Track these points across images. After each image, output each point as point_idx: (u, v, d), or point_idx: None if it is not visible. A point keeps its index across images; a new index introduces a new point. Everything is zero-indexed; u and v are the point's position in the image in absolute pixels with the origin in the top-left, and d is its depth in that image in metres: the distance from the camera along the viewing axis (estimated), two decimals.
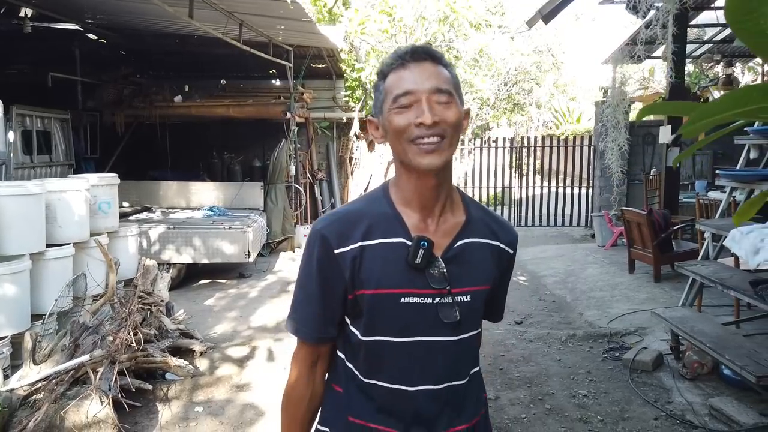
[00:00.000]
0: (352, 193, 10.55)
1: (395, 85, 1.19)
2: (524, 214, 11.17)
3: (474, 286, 1.25)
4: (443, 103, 1.17)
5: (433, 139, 1.16)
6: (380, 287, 1.20)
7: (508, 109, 15.83)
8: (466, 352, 1.28)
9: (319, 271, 1.24)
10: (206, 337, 4.84)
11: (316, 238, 1.24)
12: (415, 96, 1.16)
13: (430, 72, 1.18)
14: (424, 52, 1.21)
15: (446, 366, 1.25)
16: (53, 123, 7.25)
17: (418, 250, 1.19)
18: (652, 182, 8.47)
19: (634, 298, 5.80)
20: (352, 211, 1.26)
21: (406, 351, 1.23)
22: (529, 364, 4.37)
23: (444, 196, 1.25)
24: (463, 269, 1.24)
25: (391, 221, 1.23)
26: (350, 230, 1.22)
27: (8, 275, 3.47)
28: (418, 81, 1.17)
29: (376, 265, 1.21)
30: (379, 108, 1.24)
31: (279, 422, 1.40)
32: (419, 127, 1.15)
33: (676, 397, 3.72)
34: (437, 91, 1.17)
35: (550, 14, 7.21)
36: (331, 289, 1.24)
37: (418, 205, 1.23)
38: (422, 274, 1.20)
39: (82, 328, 3.58)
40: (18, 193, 3.64)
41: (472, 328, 1.27)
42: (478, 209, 1.33)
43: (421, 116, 1.15)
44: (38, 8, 6.65)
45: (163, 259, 6.47)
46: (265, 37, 7.55)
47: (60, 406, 3.05)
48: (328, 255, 1.22)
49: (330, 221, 1.25)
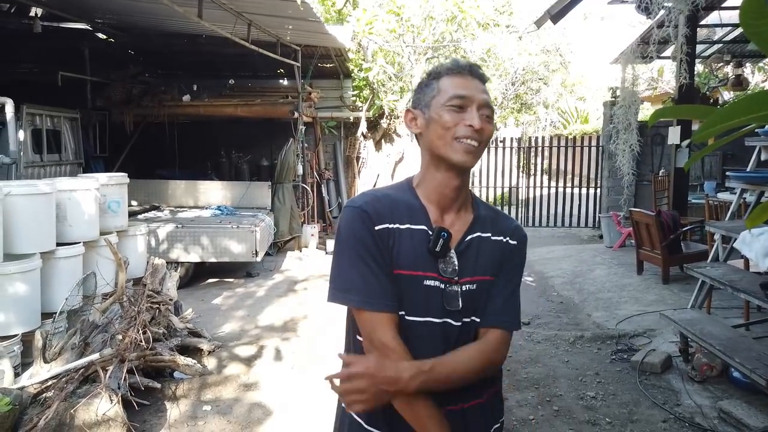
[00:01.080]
0: (359, 192, 10.54)
1: (453, 86, 1.34)
2: (531, 215, 11.14)
3: (479, 276, 1.36)
4: (487, 117, 1.34)
5: (474, 143, 1.32)
6: (411, 269, 1.32)
7: (515, 109, 15.78)
8: (468, 337, 1.36)
9: (371, 242, 1.30)
10: (214, 336, 4.85)
11: (357, 214, 1.32)
12: (468, 101, 1.32)
13: (482, 88, 1.37)
14: (479, 72, 1.38)
15: (449, 348, 1.32)
16: (63, 122, 7.29)
17: (439, 240, 1.32)
18: (661, 183, 8.43)
19: (643, 300, 5.77)
20: (386, 195, 1.38)
21: (420, 329, 1.32)
22: (537, 365, 4.36)
23: (464, 194, 1.40)
24: (471, 261, 1.36)
25: (416, 210, 1.36)
26: (385, 211, 1.34)
27: (19, 274, 3.49)
28: (474, 90, 1.34)
29: (407, 247, 1.32)
30: (426, 102, 1.37)
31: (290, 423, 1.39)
32: (467, 128, 1.31)
33: (685, 399, 3.71)
34: (486, 105, 1.34)
35: (558, 14, 7.19)
36: (383, 258, 1.31)
37: (437, 201, 1.37)
38: (436, 262, 1.33)
39: (91, 327, 3.60)
40: (29, 193, 3.67)
41: (472, 314, 1.36)
42: (485, 208, 1.46)
43: (471, 120, 1.31)
44: (48, 8, 6.70)
45: (172, 258, 6.50)
46: (273, 36, 7.57)
47: (70, 405, 3.07)
48: (370, 230, 1.31)
49: (367, 200, 1.35)
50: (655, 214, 6.17)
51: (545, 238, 10.13)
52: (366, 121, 10.20)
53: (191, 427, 3.50)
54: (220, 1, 5.61)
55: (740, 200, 4.51)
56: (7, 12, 7.40)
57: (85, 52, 8.18)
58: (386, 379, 1.23)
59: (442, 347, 1.32)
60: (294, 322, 5.44)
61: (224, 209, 7.87)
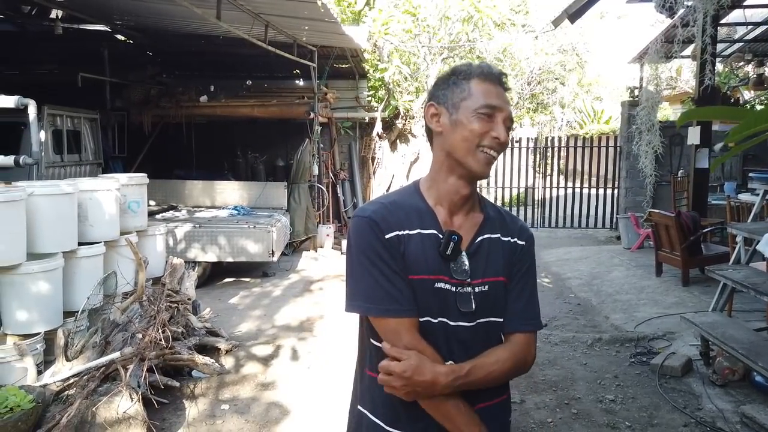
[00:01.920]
0: (374, 192, 10.55)
1: (486, 93, 1.33)
2: (548, 215, 11.07)
3: (491, 277, 1.37)
4: (508, 128, 1.36)
5: (495, 154, 1.34)
6: (420, 273, 1.32)
7: (531, 109, 15.69)
8: (481, 337, 1.36)
9: (383, 253, 1.32)
10: (231, 336, 4.89)
11: (366, 224, 1.34)
12: (497, 111, 1.33)
13: (508, 99, 1.38)
14: (506, 82, 1.39)
15: (464, 349, 1.34)
16: (83, 123, 7.38)
17: (450, 243, 1.33)
18: (680, 184, 8.33)
19: (662, 302, 5.71)
20: (391, 202, 1.39)
21: (435, 331, 1.33)
22: (555, 367, 4.33)
23: (471, 201, 1.41)
24: (482, 262, 1.37)
25: (425, 215, 1.37)
26: (393, 218, 1.35)
27: (42, 273, 3.54)
28: (503, 102, 1.35)
29: (417, 252, 1.33)
30: (453, 103, 1.35)
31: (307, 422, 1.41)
32: (493, 140, 1.32)
33: (707, 403, 3.66)
34: (510, 119, 1.36)
35: (576, 13, 7.13)
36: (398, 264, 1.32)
37: (447, 204, 1.38)
38: (447, 264, 1.33)
39: (112, 326, 3.64)
40: (52, 193, 3.72)
41: (488, 315, 1.37)
42: (493, 209, 1.47)
43: (498, 132, 1.32)
44: (69, 10, 6.79)
45: (189, 258, 6.55)
46: (290, 37, 7.60)
47: (91, 402, 3.11)
48: (380, 239, 1.32)
49: (375, 208, 1.36)
50: (674, 216, 6.10)
51: (562, 239, 10.06)
52: (381, 121, 10.20)
53: (210, 425, 3.53)
54: (238, 3, 5.65)
55: (763, 201, 4.44)
56: (28, 14, 7.51)
57: (104, 54, 8.27)
58: (423, 383, 1.26)
59: (459, 348, 1.34)
60: (310, 322, 5.46)
61: (241, 209, 7.92)
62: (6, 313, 3.55)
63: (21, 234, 3.46)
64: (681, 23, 6.35)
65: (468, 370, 1.29)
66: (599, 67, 19.75)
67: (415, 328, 1.31)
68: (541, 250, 8.97)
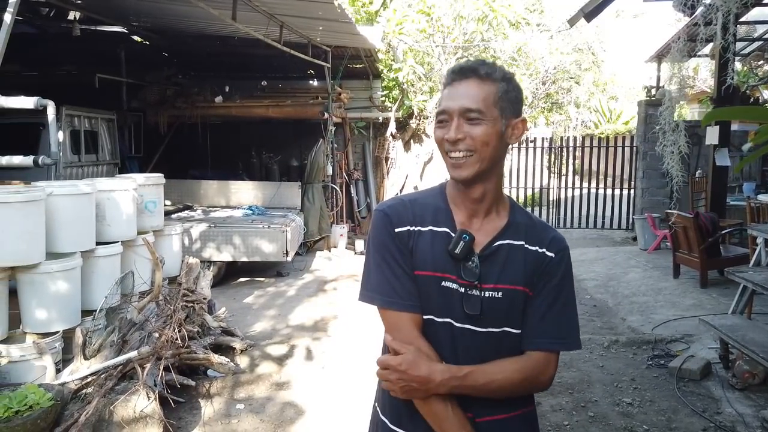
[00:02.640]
0: (388, 192, 10.55)
1: (440, 101, 1.34)
2: (562, 216, 10.98)
3: (506, 285, 1.32)
4: (472, 120, 1.28)
5: (459, 154, 1.29)
6: (428, 269, 1.32)
7: (546, 109, 15.57)
8: (493, 347, 1.31)
9: (393, 247, 1.34)
10: (246, 335, 4.91)
11: (380, 218, 1.37)
12: (449, 114, 1.30)
13: (466, 91, 1.29)
14: (469, 69, 1.31)
15: (470, 354, 1.30)
16: (100, 123, 7.46)
17: (459, 242, 1.31)
18: (698, 184, 8.22)
19: (680, 304, 5.64)
20: (411, 199, 1.41)
21: (439, 331, 1.32)
22: (571, 369, 4.29)
23: (489, 201, 1.36)
24: (497, 267, 1.32)
25: (441, 213, 1.37)
26: (406, 214, 1.36)
27: (61, 272, 3.58)
28: (453, 99, 1.30)
29: (426, 248, 1.33)
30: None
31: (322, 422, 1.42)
32: (447, 143, 1.30)
33: (726, 407, 3.61)
34: (466, 111, 1.28)
35: (592, 12, 7.05)
36: (405, 260, 1.33)
37: (462, 206, 1.37)
38: (458, 264, 1.31)
39: (129, 325, 3.68)
40: (71, 193, 3.76)
41: (501, 324, 1.32)
42: (523, 215, 1.41)
43: (447, 133, 1.30)
44: (86, 12, 6.86)
45: (204, 257, 6.59)
46: (304, 38, 7.62)
47: (109, 401, 3.14)
48: (390, 232, 1.35)
49: (391, 203, 1.40)
50: (692, 216, 6.02)
51: (577, 239, 9.97)
52: (395, 121, 10.19)
53: (225, 425, 3.55)
54: (254, 4, 5.67)
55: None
56: (47, 16, 7.61)
57: (121, 55, 8.36)
58: (417, 378, 1.25)
59: (464, 352, 1.31)
60: (324, 321, 5.46)
61: (255, 209, 7.95)
62: (25, 311, 3.59)
63: (40, 234, 3.50)
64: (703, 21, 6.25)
65: (466, 373, 1.26)
66: (615, 66, 19.56)
67: (415, 324, 1.31)
68: None
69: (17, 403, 2.92)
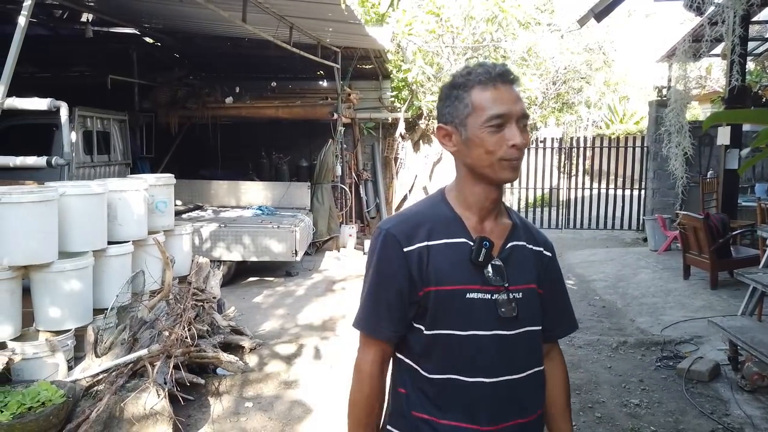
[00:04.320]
0: (397, 193, 10.57)
1: (489, 104, 1.27)
2: (572, 217, 10.95)
3: (524, 284, 1.34)
4: (525, 125, 1.30)
5: (517, 159, 1.30)
6: (449, 284, 1.29)
7: (556, 109, 15.49)
8: (523, 348, 1.34)
9: (393, 270, 1.32)
10: (255, 334, 4.95)
11: (386, 237, 1.33)
12: (507, 118, 1.27)
13: (516, 96, 1.29)
14: (511, 77, 1.31)
15: (503, 360, 1.31)
16: (112, 124, 7.54)
17: (481, 249, 1.30)
18: (709, 185, 8.16)
19: (689, 306, 5.61)
20: (416, 213, 1.38)
21: (469, 344, 1.30)
22: (578, 370, 4.28)
23: (499, 205, 1.39)
24: (514, 268, 1.34)
25: (453, 223, 1.34)
26: (415, 230, 1.32)
27: (73, 271, 3.63)
28: (510, 104, 1.28)
29: (443, 263, 1.30)
30: (460, 120, 1.31)
31: (330, 421, 1.45)
32: (512, 148, 1.27)
33: (734, 409, 3.59)
34: (523, 116, 1.30)
35: (602, 12, 7.04)
36: (402, 286, 1.31)
37: (477, 210, 1.35)
38: (481, 271, 1.30)
39: (140, 323, 3.72)
40: (83, 193, 3.81)
41: (528, 324, 1.34)
42: (517, 217, 1.45)
43: (514, 139, 1.26)
44: (99, 13, 6.94)
45: (214, 257, 6.65)
46: (314, 39, 7.65)
47: (120, 398, 3.18)
48: (397, 253, 1.31)
49: (397, 222, 1.36)
50: (703, 218, 5.99)
51: (587, 240, 9.94)
52: (404, 122, 10.21)
53: (234, 422, 3.58)
54: (264, 5, 5.71)
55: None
56: (60, 17, 7.70)
57: (133, 56, 8.44)
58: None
59: (497, 359, 1.31)
60: (333, 321, 5.49)
61: (265, 209, 8.00)
62: (38, 310, 3.65)
63: (53, 233, 3.56)
64: (710, 22, 6.21)
65: None
66: (626, 66, 19.42)
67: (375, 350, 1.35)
68: (566, 251, 8.88)
69: (30, 399, 2.98)
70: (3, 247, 3.41)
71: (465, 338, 1.29)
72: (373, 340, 1.35)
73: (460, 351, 1.30)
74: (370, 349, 1.36)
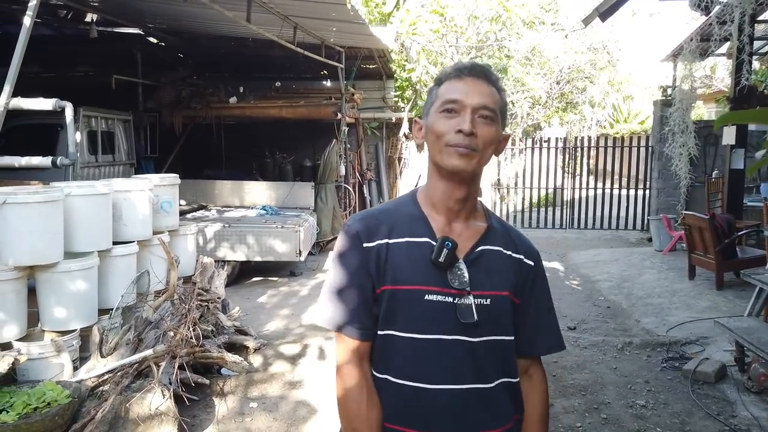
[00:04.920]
0: (401, 193, 10.57)
1: (447, 92, 1.27)
2: (576, 216, 10.92)
3: (493, 291, 1.28)
4: (485, 118, 1.26)
5: (464, 148, 1.24)
6: (405, 283, 1.26)
7: (560, 108, 15.48)
8: (490, 357, 1.28)
9: (354, 266, 1.29)
10: (259, 334, 4.95)
11: (348, 234, 1.31)
12: (461, 105, 1.25)
13: (481, 89, 1.27)
14: (481, 71, 1.29)
15: (466, 367, 1.26)
16: (116, 124, 7.55)
17: (443, 250, 1.25)
18: (714, 185, 8.13)
19: (695, 306, 5.59)
20: (381, 211, 1.36)
21: (428, 348, 1.25)
22: (584, 371, 4.27)
23: (470, 204, 1.33)
24: (483, 273, 1.28)
25: (417, 222, 1.31)
26: (377, 227, 1.30)
27: (79, 271, 3.63)
28: (468, 94, 1.26)
29: (402, 262, 1.27)
30: (427, 110, 1.32)
31: (334, 422, 1.41)
32: (458, 134, 1.24)
33: (741, 411, 3.57)
34: (483, 108, 1.25)
35: (607, 11, 7.02)
36: (363, 282, 1.28)
37: (443, 209, 1.31)
38: (444, 273, 1.26)
39: (145, 323, 3.72)
40: (88, 193, 3.81)
41: (494, 332, 1.28)
42: (498, 221, 1.39)
43: (461, 124, 1.23)
44: (103, 14, 6.95)
45: (218, 257, 6.65)
46: (318, 39, 7.65)
47: (125, 398, 3.18)
48: (358, 249, 1.29)
49: (359, 218, 1.34)
50: (708, 218, 5.96)
51: (591, 240, 9.91)
52: (408, 121, 10.20)
53: (238, 423, 3.58)
54: (268, 5, 5.71)
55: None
56: (64, 18, 7.72)
57: (137, 56, 8.45)
58: None
59: (460, 366, 1.26)
60: None
61: (269, 209, 8.01)
62: (44, 310, 3.65)
63: (59, 233, 3.56)
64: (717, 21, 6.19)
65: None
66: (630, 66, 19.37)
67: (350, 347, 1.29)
68: (570, 251, 8.86)
69: (36, 399, 2.98)
70: (9, 248, 3.41)
71: (421, 341, 1.25)
72: (346, 338, 1.30)
73: (415, 354, 1.26)
74: (344, 347, 1.31)
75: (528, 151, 11.37)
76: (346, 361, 1.30)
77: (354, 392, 1.29)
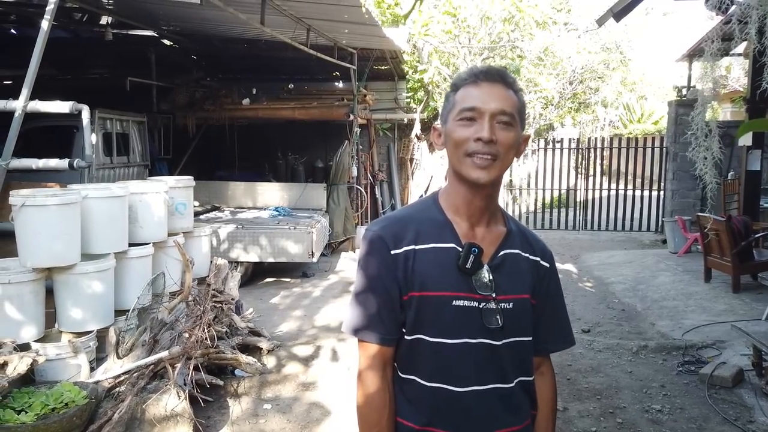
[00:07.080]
0: (413, 194, 10.56)
1: (464, 99, 1.27)
2: (590, 218, 10.85)
3: (515, 294, 1.31)
4: (504, 123, 1.25)
5: (487, 157, 1.24)
6: (433, 290, 1.27)
7: (573, 109, 15.37)
8: (511, 358, 1.31)
9: (380, 272, 1.29)
10: (273, 335, 4.97)
11: (374, 241, 1.31)
12: (479, 113, 1.25)
13: (498, 94, 1.26)
14: (497, 74, 1.29)
15: (490, 368, 1.29)
16: (131, 125, 7.62)
17: (469, 256, 1.27)
18: (731, 186, 8.04)
19: (711, 309, 5.53)
20: (405, 216, 1.36)
21: (455, 352, 1.28)
22: (598, 375, 4.24)
23: (492, 209, 1.34)
24: (506, 278, 1.31)
25: (442, 227, 1.31)
26: (404, 233, 1.30)
27: (95, 273, 3.67)
28: (485, 100, 1.25)
29: (429, 268, 1.27)
30: (445, 117, 1.33)
31: (348, 424, 1.43)
32: (477, 142, 1.24)
33: (759, 416, 3.53)
34: (501, 113, 1.25)
35: (621, 12, 6.94)
36: (390, 288, 1.29)
37: (466, 214, 1.32)
38: (469, 279, 1.27)
39: (160, 325, 3.75)
40: (104, 195, 3.86)
41: (516, 334, 1.31)
42: (514, 223, 1.41)
43: (480, 132, 1.23)
44: (118, 16, 7.01)
45: (232, 258, 6.68)
46: (330, 40, 7.66)
47: (141, 399, 3.21)
48: (384, 255, 1.29)
49: (385, 224, 1.34)
50: (725, 220, 5.90)
51: (604, 242, 9.84)
52: (420, 122, 10.20)
53: (252, 424, 3.60)
54: (281, 8, 5.73)
55: None
56: (80, 21, 7.79)
57: (151, 58, 8.52)
58: None
59: (484, 367, 1.29)
60: None
61: (282, 210, 8.03)
62: (61, 311, 3.69)
63: (76, 235, 3.60)
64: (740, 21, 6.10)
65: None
66: (644, 65, 19.18)
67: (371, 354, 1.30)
68: (583, 253, 8.81)
69: (53, 400, 3.01)
70: (27, 250, 3.45)
71: (448, 346, 1.27)
72: (367, 344, 1.31)
73: (443, 358, 1.28)
74: (364, 353, 1.32)
75: (540, 151, 11.31)
76: (368, 367, 1.31)
77: (375, 400, 1.30)
